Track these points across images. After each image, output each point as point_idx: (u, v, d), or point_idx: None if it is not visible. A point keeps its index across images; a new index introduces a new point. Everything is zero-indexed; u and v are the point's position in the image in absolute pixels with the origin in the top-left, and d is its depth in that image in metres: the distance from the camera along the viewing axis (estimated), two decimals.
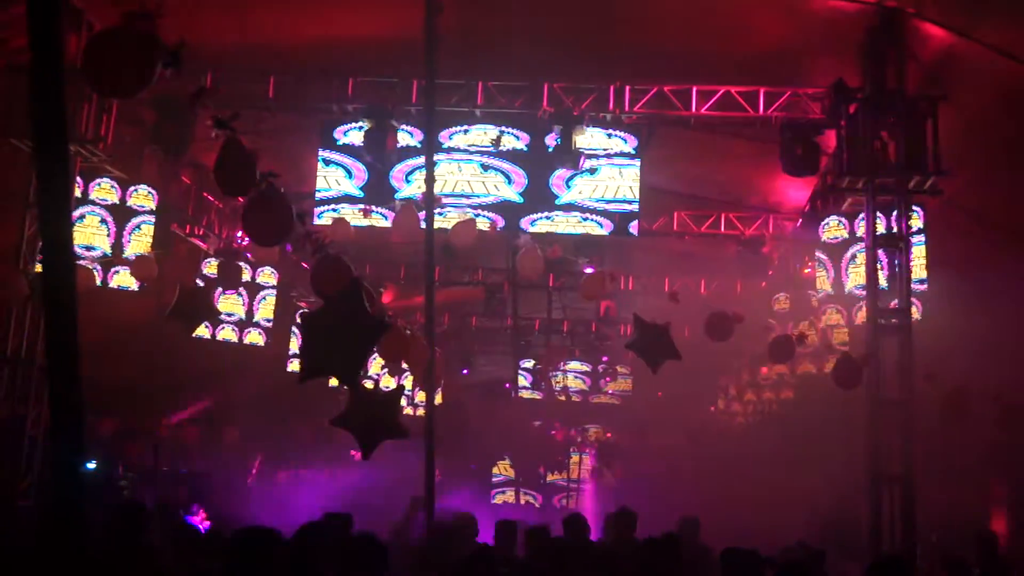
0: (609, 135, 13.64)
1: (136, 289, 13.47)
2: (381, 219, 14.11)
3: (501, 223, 13.85)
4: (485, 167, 13.89)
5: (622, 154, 13.82)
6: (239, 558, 4.71)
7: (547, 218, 13.90)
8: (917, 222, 12.32)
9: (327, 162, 14.07)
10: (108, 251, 13.12)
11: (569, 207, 13.86)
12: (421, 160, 13.58)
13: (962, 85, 11.41)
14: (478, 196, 13.97)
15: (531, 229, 13.91)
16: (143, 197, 13.46)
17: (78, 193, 12.88)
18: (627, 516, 8.43)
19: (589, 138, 13.40)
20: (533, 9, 11.52)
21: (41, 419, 11.88)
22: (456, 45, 11.05)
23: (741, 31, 11.71)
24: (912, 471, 11.16)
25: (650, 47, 12.00)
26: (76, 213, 12.81)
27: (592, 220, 13.83)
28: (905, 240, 11.77)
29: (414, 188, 13.83)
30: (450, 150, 13.94)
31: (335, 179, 14.12)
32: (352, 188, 14.10)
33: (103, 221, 13.03)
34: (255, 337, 17.18)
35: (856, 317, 13.87)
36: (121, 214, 13.27)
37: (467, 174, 13.97)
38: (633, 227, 13.88)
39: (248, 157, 6.06)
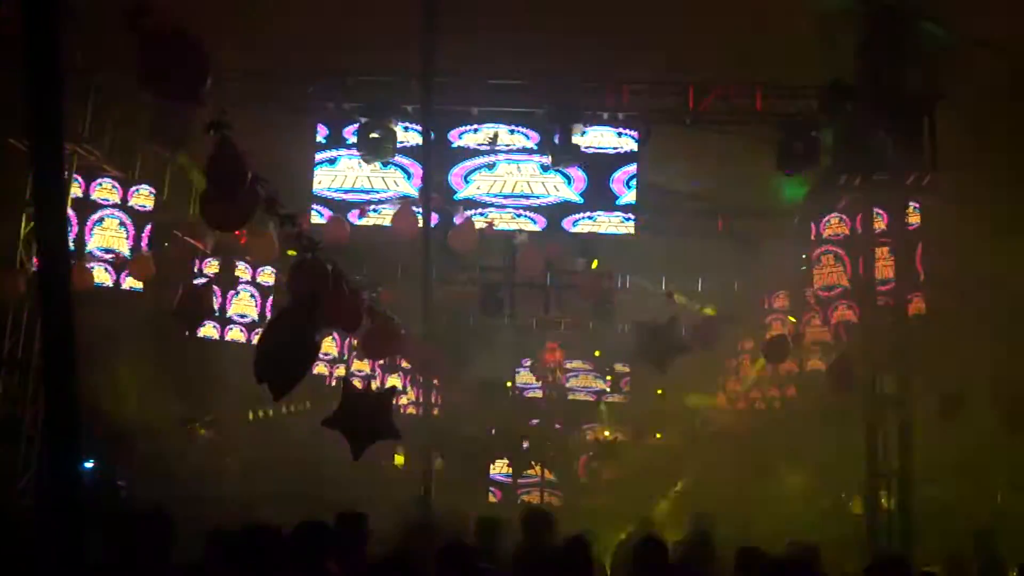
0: (619, 134, 13.63)
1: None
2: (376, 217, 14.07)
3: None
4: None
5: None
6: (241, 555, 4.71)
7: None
8: (915, 219, 12.34)
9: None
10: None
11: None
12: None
13: (960, 82, 11.42)
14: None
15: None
16: (144, 197, 13.44)
17: (79, 193, 12.89)
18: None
19: (599, 137, 13.43)
20: (530, 7, 11.53)
21: (39, 419, 11.88)
22: (454, 42, 11.09)
23: (739, 28, 11.71)
24: (910, 468, 11.17)
25: (647, 44, 12.00)
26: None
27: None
28: (902, 237, 11.79)
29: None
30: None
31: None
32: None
33: (122, 224, 13.03)
34: (236, 334, 17.07)
35: (833, 317, 13.86)
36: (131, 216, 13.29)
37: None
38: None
39: (240, 159, 6.05)
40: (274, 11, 11.56)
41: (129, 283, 13.32)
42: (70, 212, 12.96)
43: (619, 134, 13.62)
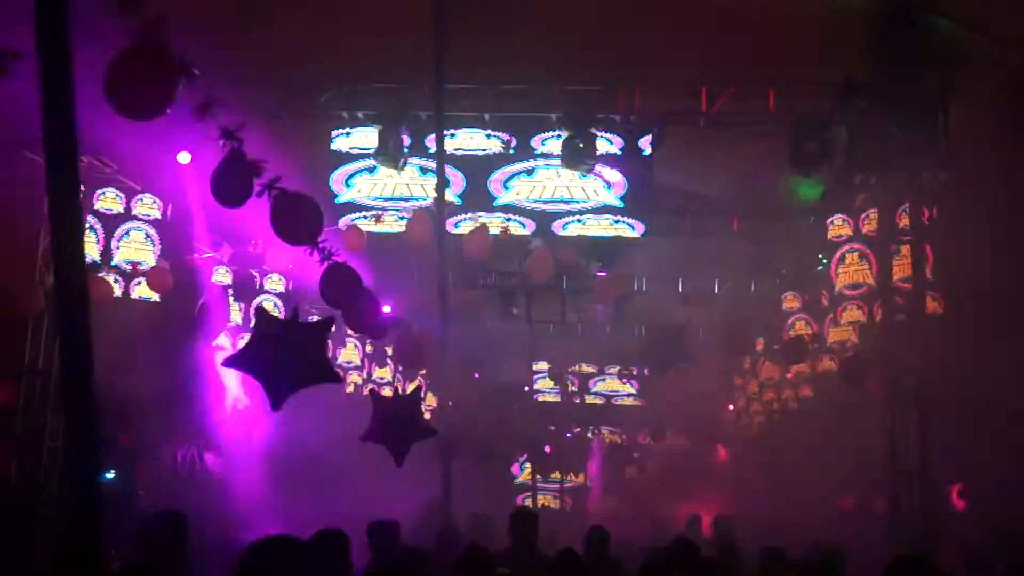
0: (488, 135, 13.69)
1: (158, 300, 13.52)
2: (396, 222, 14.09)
3: (532, 228, 13.83)
4: (423, 170, 13.83)
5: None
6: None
7: (579, 221, 13.86)
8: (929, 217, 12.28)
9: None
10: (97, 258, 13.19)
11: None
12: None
13: (975, 79, 11.36)
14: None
15: (562, 232, 13.88)
16: (148, 206, 13.52)
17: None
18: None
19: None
20: (541, 11, 11.53)
21: (60, 430, 11.95)
22: (464, 49, 11.13)
23: (751, 27, 11.68)
24: (931, 466, 11.12)
25: (659, 46, 11.99)
26: (121, 229, 13.00)
27: (624, 223, 13.81)
28: (917, 235, 11.73)
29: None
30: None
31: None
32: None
33: (91, 228, 13.10)
34: None
35: (840, 316, 13.79)
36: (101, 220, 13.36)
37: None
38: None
39: (248, 169, 6.08)
40: (283, 20, 11.61)
41: (138, 292, 13.43)
42: (97, 225, 13.12)
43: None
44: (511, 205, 13.70)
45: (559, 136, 13.43)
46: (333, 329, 7.36)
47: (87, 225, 13.04)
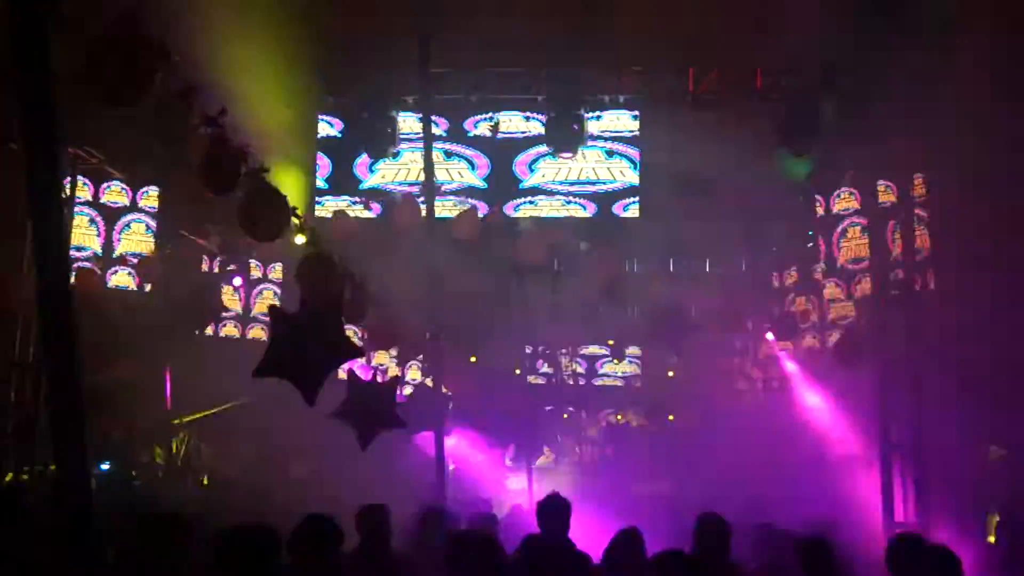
0: (597, 117, 13.63)
1: (134, 288, 13.48)
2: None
3: (485, 209, 13.85)
4: (448, 154, 13.84)
5: (613, 137, 13.84)
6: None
7: (530, 203, 13.91)
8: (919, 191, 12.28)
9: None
10: (99, 251, 13.19)
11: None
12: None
13: (962, 53, 11.32)
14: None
15: (514, 214, 13.90)
16: (153, 198, 13.52)
17: (89, 196, 13.01)
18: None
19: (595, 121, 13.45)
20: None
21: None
22: (453, 32, 11.10)
23: (734, 6, 11.66)
24: (922, 441, 11.15)
25: (645, 29, 11.96)
26: (123, 221, 13.01)
27: (576, 203, 13.85)
28: (907, 210, 11.73)
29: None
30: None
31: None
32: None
33: (92, 221, 13.11)
34: (258, 332, 17.11)
35: (856, 291, 13.79)
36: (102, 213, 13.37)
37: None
38: (617, 208, 13.88)
39: (233, 155, 6.07)
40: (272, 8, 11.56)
41: (115, 281, 13.45)
42: (97, 217, 13.11)
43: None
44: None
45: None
46: None
47: (88, 218, 13.06)
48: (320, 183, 14.37)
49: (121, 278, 13.14)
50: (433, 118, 13.88)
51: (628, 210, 13.82)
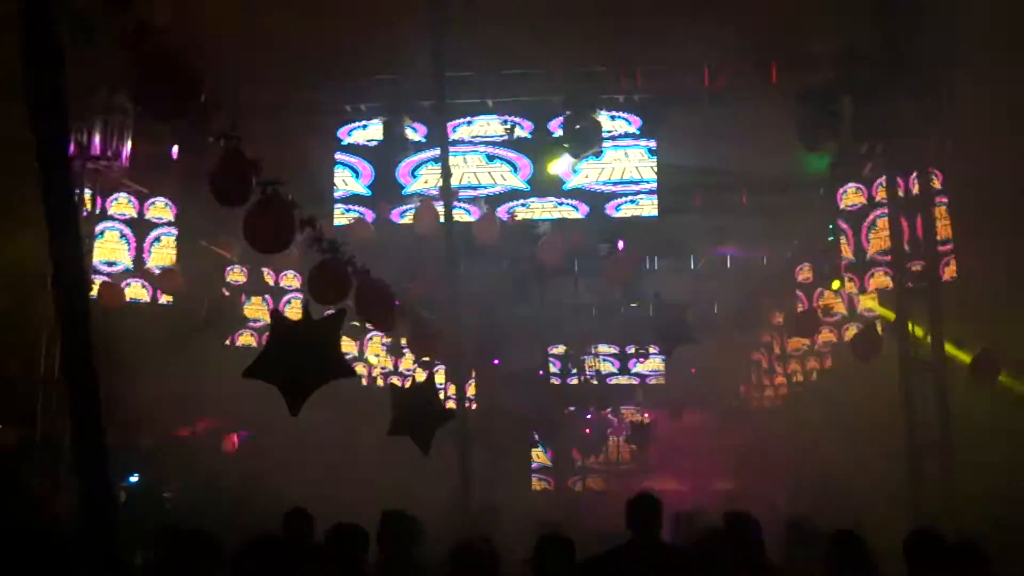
0: (612, 117, 13.63)
1: (148, 301, 13.51)
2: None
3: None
4: (491, 158, 13.94)
5: (627, 135, 13.85)
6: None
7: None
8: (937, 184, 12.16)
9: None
10: (130, 265, 13.25)
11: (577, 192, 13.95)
12: (427, 155, 13.72)
13: (981, 45, 11.22)
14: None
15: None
16: (160, 209, 13.56)
17: (134, 212, 13.18)
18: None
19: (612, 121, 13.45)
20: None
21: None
22: (461, 35, 11.11)
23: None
24: (950, 437, 11.03)
25: (657, 26, 11.92)
26: (96, 229, 13.04)
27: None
28: (927, 202, 11.63)
29: (420, 183, 13.94)
30: (455, 143, 13.96)
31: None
32: (360, 187, 14.23)
33: (123, 236, 13.18)
34: None
35: (868, 284, 13.63)
36: (140, 228, 13.43)
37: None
38: (609, 208, 13.97)
39: (246, 168, 6.09)
40: (281, 16, 11.61)
41: (130, 294, 13.49)
42: (127, 231, 13.21)
43: (612, 118, 13.69)
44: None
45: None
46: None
47: (119, 233, 13.16)
48: (363, 189, 14.48)
49: (135, 290, 13.15)
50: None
51: (620, 210, 13.87)
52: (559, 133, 13.59)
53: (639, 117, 13.78)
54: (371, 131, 14.25)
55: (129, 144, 12.28)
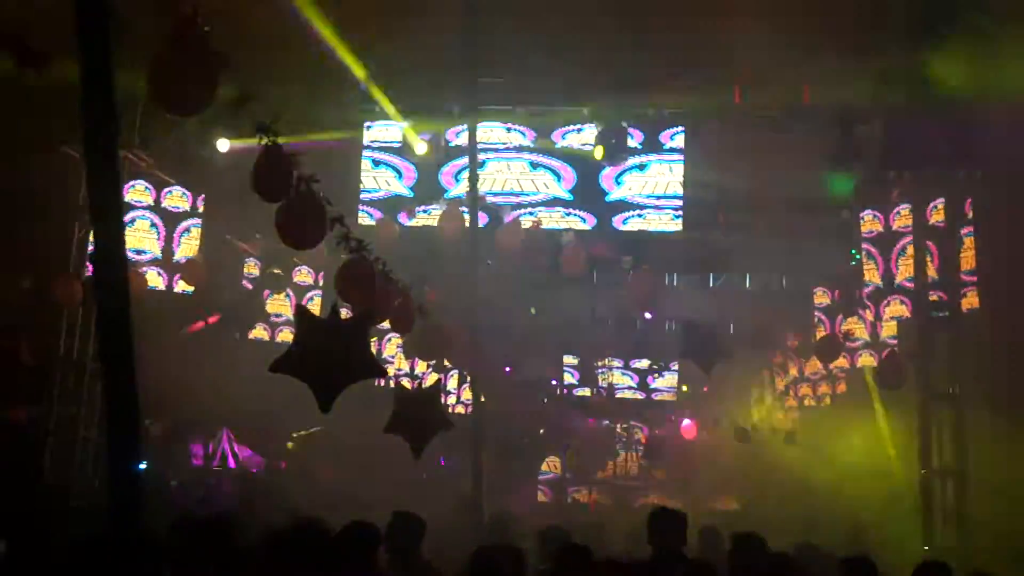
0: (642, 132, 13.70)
1: (163, 289, 13.51)
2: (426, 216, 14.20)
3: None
4: (534, 165, 13.95)
5: (672, 150, 13.86)
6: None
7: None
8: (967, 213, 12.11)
9: (376, 162, 14.17)
10: (159, 254, 13.30)
11: (620, 204, 13.96)
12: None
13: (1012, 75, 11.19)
14: (528, 195, 14.01)
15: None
16: (177, 198, 13.57)
17: (151, 201, 13.24)
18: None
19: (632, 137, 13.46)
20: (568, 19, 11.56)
21: (93, 420, 12.11)
22: (497, 43, 11.14)
23: (779, 21, 11.58)
24: (966, 467, 11.00)
25: (687, 44, 11.95)
26: (183, 225, 13.18)
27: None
28: (954, 231, 11.59)
29: (463, 187, 13.89)
30: (498, 149, 13.98)
31: (385, 180, 14.25)
32: (402, 188, 14.20)
33: (153, 225, 13.22)
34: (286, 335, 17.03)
35: (884, 312, 13.55)
36: (169, 218, 13.48)
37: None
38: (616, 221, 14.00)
39: (287, 163, 6.12)
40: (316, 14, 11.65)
41: (181, 286, 13.49)
42: (157, 220, 13.27)
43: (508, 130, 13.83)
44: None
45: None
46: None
47: (149, 222, 13.21)
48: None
49: (151, 278, 13.16)
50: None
51: (627, 223, 13.89)
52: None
53: (670, 132, 13.77)
54: (394, 131, 14.32)
55: None
